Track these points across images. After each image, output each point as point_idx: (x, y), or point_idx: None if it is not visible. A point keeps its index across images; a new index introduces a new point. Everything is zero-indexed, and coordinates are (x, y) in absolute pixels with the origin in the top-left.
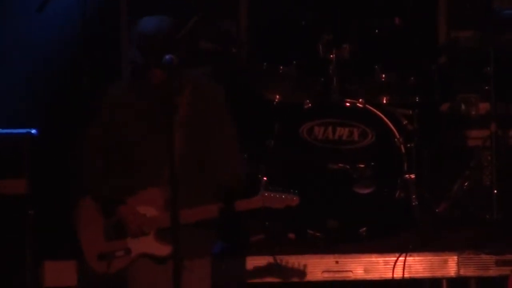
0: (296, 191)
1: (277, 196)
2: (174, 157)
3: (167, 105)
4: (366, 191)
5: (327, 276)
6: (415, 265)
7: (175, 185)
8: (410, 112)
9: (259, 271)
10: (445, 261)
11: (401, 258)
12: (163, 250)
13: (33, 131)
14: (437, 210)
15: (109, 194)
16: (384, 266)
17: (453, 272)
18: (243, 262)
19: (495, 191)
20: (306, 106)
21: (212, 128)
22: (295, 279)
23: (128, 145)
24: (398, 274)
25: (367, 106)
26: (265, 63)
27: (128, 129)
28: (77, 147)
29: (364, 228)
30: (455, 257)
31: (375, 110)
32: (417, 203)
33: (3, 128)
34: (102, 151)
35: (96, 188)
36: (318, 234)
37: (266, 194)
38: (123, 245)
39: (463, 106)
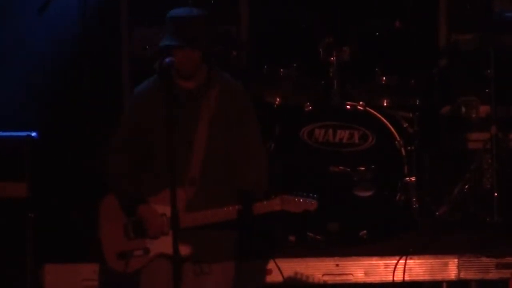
0: (315, 196)
1: (296, 200)
2: (174, 158)
3: (193, 108)
4: (367, 194)
5: (327, 279)
6: (416, 268)
7: (174, 186)
8: (411, 115)
9: (260, 274)
10: (446, 264)
11: (402, 261)
12: (182, 250)
13: (34, 134)
14: (437, 213)
15: (132, 192)
16: (385, 269)
17: (453, 275)
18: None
19: (496, 194)
20: (306, 109)
21: (237, 130)
22: (296, 282)
23: (151, 145)
24: (398, 277)
25: (367, 108)
26: (265, 66)
27: (152, 130)
28: (104, 146)
29: (365, 231)
30: (456, 260)
31: (375, 113)
32: (417, 206)
33: (3, 131)
34: (127, 151)
35: (120, 186)
36: (318, 237)
37: (285, 197)
38: (142, 244)
39: (463, 109)
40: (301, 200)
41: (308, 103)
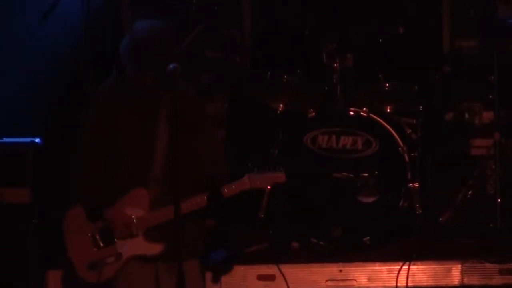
0: (282, 168)
1: (263, 175)
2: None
3: (155, 108)
4: (370, 199)
5: (330, 285)
6: (419, 273)
7: (177, 188)
8: (414, 121)
9: (263, 280)
10: (449, 270)
11: (405, 267)
12: (154, 249)
13: (37, 140)
14: (440, 219)
15: (98, 197)
16: (388, 274)
17: (456, 280)
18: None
19: (499, 200)
20: (310, 115)
21: (194, 129)
22: None
23: (115, 146)
24: (401, 282)
25: (371, 115)
26: (269, 72)
27: (115, 131)
28: (72, 152)
29: (368, 237)
30: (459, 266)
31: (379, 119)
32: (420, 211)
33: (7, 137)
34: (91, 154)
35: (85, 191)
36: (321, 242)
37: (252, 175)
38: (113, 251)
39: (466, 115)
40: (268, 174)
41: (312, 109)
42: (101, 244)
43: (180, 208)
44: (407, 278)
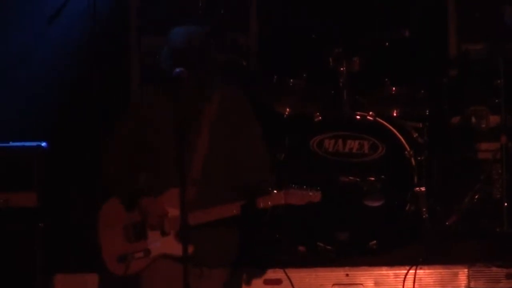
0: (318, 188)
1: (299, 192)
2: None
3: (193, 110)
4: (377, 204)
5: None
6: (426, 278)
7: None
8: (421, 125)
9: (269, 284)
10: (456, 274)
11: (412, 271)
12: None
13: (43, 144)
14: (447, 223)
15: (134, 185)
16: (395, 279)
17: (463, 285)
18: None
19: (506, 204)
20: (316, 119)
21: (238, 131)
22: None
23: (153, 146)
24: (408, 287)
25: (377, 119)
26: (275, 76)
27: (154, 130)
28: (105, 146)
29: (375, 241)
30: (466, 270)
31: (385, 123)
32: (427, 216)
33: (13, 141)
34: (129, 151)
35: (121, 181)
36: (328, 246)
37: (288, 191)
38: (142, 246)
39: (473, 119)
40: (304, 192)
41: (318, 113)
42: (133, 238)
43: (212, 213)
44: (414, 282)
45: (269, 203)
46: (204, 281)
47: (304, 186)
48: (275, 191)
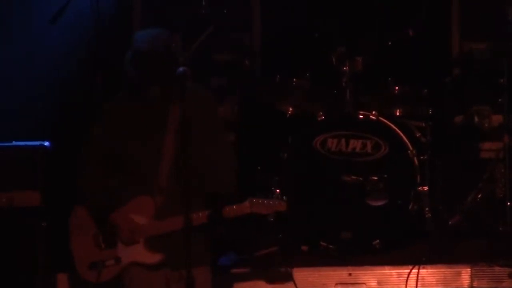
0: (284, 197)
1: (265, 202)
2: (185, 169)
3: (162, 116)
4: (379, 203)
5: None
6: (428, 277)
7: (187, 197)
8: (423, 124)
9: (273, 283)
10: (459, 273)
11: (415, 270)
12: (153, 258)
13: (46, 143)
14: (450, 222)
15: (104, 202)
16: (398, 278)
17: (466, 284)
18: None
19: (508, 203)
20: (319, 118)
21: (202, 136)
22: None
23: (121, 154)
24: (411, 286)
25: (380, 118)
26: (278, 75)
27: (122, 139)
28: (77, 156)
29: (377, 240)
30: (469, 269)
31: (388, 123)
32: (430, 215)
33: (16, 140)
34: (98, 160)
35: (92, 196)
36: (331, 246)
37: (254, 200)
38: (113, 254)
39: (476, 118)
40: (270, 202)
41: (321, 113)
42: (103, 245)
43: (179, 222)
44: (417, 281)
45: (235, 211)
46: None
47: (271, 195)
48: (244, 201)
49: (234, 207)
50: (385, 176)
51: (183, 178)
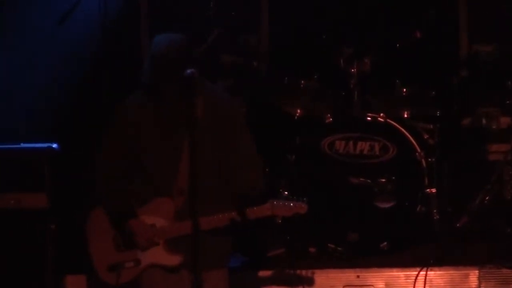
0: (305, 199)
1: (286, 204)
2: (195, 168)
3: (179, 117)
4: (387, 205)
5: None
6: (436, 279)
7: (196, 197)
8: (431, 126)
9: (280, 285)
10: (466, 276)
11: (422, 272)
12: (173, 260)
13: (54, 145)
14: (458, 224)
15: (121, 207)
16: (405, 280)
17: (474, 286)
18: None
19: None
20: (327, 120)
21: (227, 138)
22: None
23: (140, 155)
24: None
25: (388, 120)
26: (286, 77)
27: (140, 140)
28: (94, 159)
29: (385, 242)
30: (476, 272)
31: (396, 124)
32: (438, 217)
33: (24, 142)
34: (115, 162)
35: (109, 201)
36: (339, 248)
37: (275, 202)
38: (132, 255)
39: (484, 120)
40: (291, 204)
41: (329, 115)
42: (122, 247)
43: (201, 224)
44: (425, 283)
45: (256, 214)
46: (203, 285)
47: (292, 197)
48: (265, 202)
49: (255, 208)
50: (393, 178)
51: (193, 179)
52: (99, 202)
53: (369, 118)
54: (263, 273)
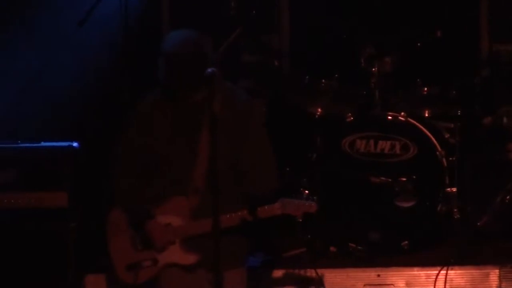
0: (315, 198)
1: (296, 202)
2: (215, 166)
3: (197, 116)
4: (408, 204)
5: None
6: (457, 278)
7: (216, 196)
8: (452, 125)
9: (301, 285)
10: (487, 275)
11: (443, 272)
12: (189, 259)
13: (75, 144)
14: (478, 224)
15: (139, 208)
16: (426, 279)
17: (494, 285)
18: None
19: None
20: (348, 119)
21: (242, 138)
22: None
23: (156, 155)
24: (439, 287)
25: (409, 119)
26: (307, 76)
27: (157, 139)
28: (110, 159)
29: (406, 241)
30: (497, 271)
31: (417, 124)
32: (458, 216)
33: (45, 141)
34: (132, 162)
35: (126, 202)
36: (359, 247)
37: (285, 201)
38: (150, 255)
39: (505, 119)
40: (301, 203)
41: (350, 114)
42: (140, 247)
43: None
44: (445, 283)
45: (267, 213)
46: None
47: (302, 196)
48: (275, 201)
49: (266, 207)
50: (414, 177)
51: (212, 178)
52: (115, 200)
53: (390, 117)
54: (283, 272)
